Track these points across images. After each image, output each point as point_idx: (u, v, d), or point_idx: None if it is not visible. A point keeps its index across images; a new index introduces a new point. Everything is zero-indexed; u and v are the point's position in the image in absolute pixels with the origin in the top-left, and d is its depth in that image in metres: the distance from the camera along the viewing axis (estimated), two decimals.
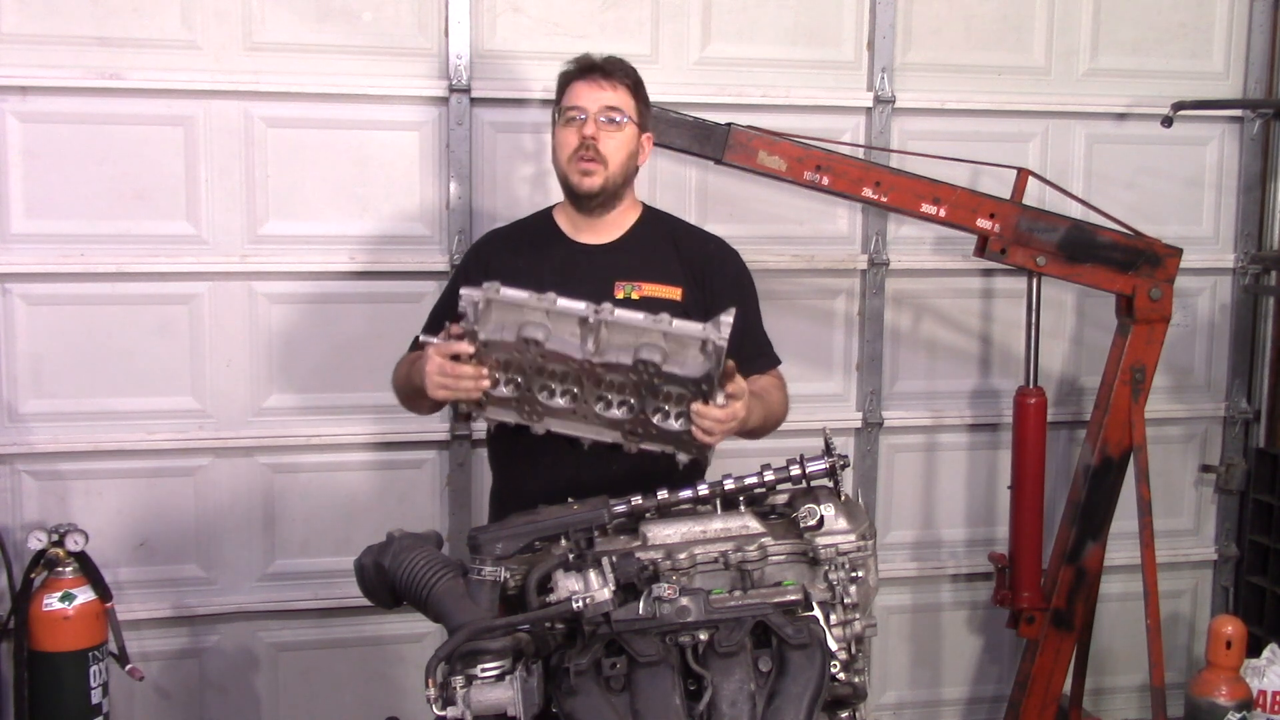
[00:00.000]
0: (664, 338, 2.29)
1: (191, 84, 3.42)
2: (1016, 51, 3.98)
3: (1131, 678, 4.24)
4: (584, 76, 2.62)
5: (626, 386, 2.34)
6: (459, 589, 2.12)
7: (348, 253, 3.58)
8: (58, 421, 3.47)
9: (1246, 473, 4.27)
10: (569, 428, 2.43)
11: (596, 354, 2.30)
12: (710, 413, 2.32)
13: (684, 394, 2.33)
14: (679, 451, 2.43)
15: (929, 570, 4.13)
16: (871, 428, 4.00)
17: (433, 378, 2.39)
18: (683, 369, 2.29)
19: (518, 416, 2.44)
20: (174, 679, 3.64)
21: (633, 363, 2.28)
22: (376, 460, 3.71)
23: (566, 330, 2.32)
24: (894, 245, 3.95)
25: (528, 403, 2.40)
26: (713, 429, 2.35)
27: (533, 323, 2.31)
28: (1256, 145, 4.17)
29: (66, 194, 3.41)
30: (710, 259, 2.75)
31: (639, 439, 2.42)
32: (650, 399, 2.35)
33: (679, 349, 2.30)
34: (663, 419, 2.37)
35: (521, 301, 2.31)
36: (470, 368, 2.36)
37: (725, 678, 2.02)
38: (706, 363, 2.28)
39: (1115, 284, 3.54)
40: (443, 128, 3.59)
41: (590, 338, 2.30)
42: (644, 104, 2.70)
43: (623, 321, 2.30)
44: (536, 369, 2.35)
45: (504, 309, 2.32)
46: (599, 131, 2.59)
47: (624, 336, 2.30)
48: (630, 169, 2.67)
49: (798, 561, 2.25)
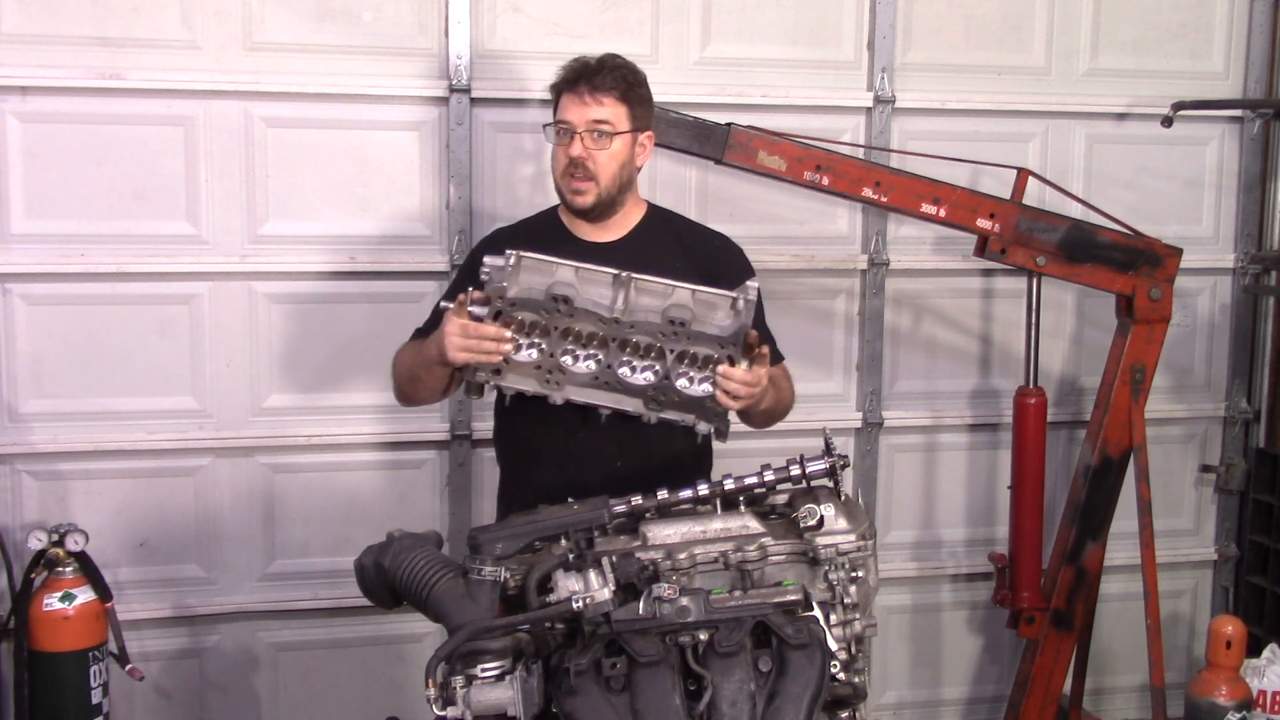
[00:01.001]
0: (693, 298, 2.32)
1: (191, 84, 3.42)
2: (1016, 51, 3.98)
3: (1131, 678, 4.24)
4: (571, 89, 2.58)
5: (652, 350, 2.35)
6: (459, 589, 2.12)
7: (348, 253, 3.58)
8: (58, 421, 3.47)
9: (1246, 473, 4.27)
10: (589, 396, 2.41)
11: (625, 313, 2.31)
12: (736, 374, 2.34)
13: (710, 357, 2.34)
14: (700, 421, 2.43)
15: (929, 570, 4.13)
16: (871, 428, 4.00)
17: (453, 339, 2.35)
18: (713, 329, 2.31)
19: (537, 384, 2.40)
20: (174, 679, 3.64)
21: (662, 321, 2.30)
22: (376, 460, 3.71)
23: (595, 292, 2.32)
24: (894, 245, 3.95)
25: (549, 369, 2.38)
26: (738, 391, 2.36)
27: (562, 281, 2.31)
28: (1256, 145, 4.17)
29: (66, 194, 3.41)
30: (715, 255, 2.75)
31: (660, 407, 2.41)
32: (675, 363, 2.35)
33: (707, 311, 2.33)
34: (687, 384, 2.37)
35: (550, 260, 2.32)
36: (493, 328, 2.33)
37: (725, 678, 2.02)
38: (736, 320, 2.31)
39: (1115, 284, 3.54)
40: (443, 128, 3.59)
41: (620, 297, 2.31)
42: (639, 105, 2.62)
43: (651, 282, 2.32)
44: (562, 331, 2.34)
45: (532, 269, 2.32)
46: (586, 150, 2.55)
47: (652, 299, 2.32)
48: (625, 177, 2.63)
49: (798, 561, 2.26)
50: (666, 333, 2.32)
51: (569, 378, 2.39)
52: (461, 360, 2.38)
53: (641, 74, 2.65)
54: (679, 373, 2.37)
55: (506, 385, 2.42)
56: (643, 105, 2.65)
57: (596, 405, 2.42)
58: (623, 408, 2.42)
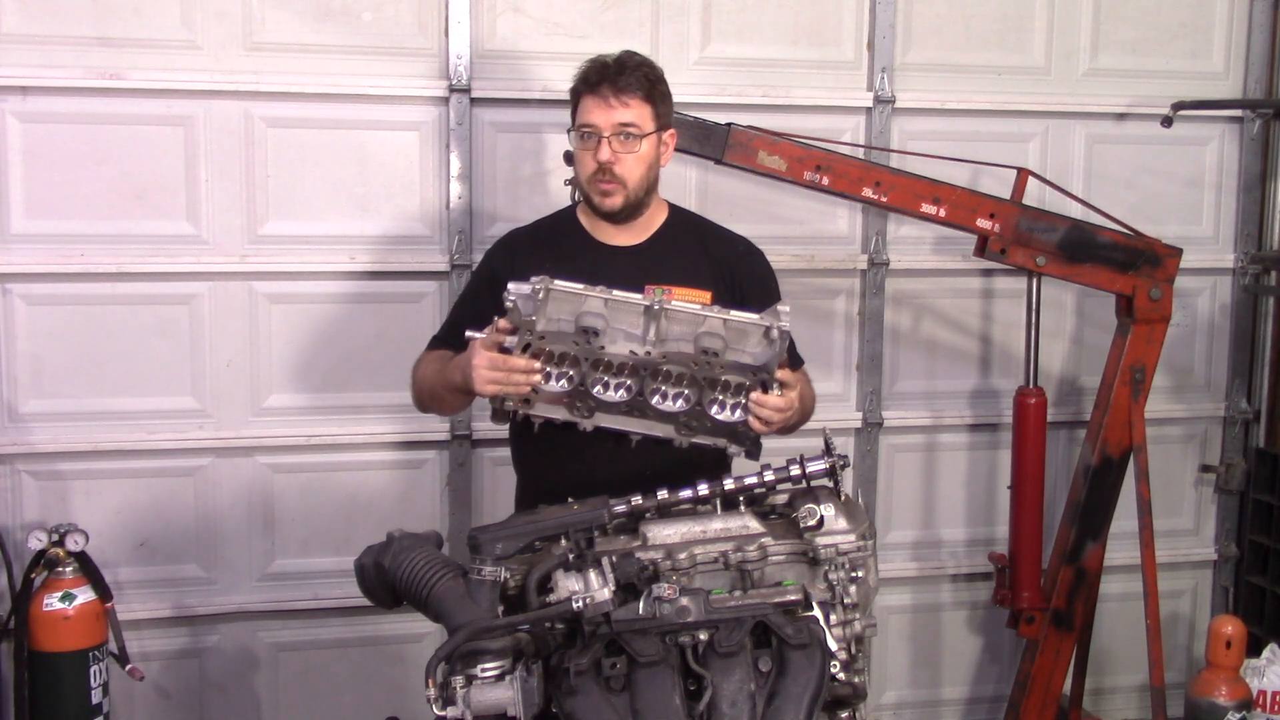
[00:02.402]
0: (724, 326, 2.30)
1: (191, 84, 3.42)
2: (1016, 51, 3.98)
3: (1131, 678, 4.24)
4: (594, 92, 2.53)
5: (684, 378, 2.34)
6: (459, 589, 2.12)
7: (348, 253, 3.58)
8: (58, 421, 3.47)
9: (1246, 473, 4.27)
10: (619, 423, 2.40)
11: (657, 344, 2.30)
12: (770, 401, 2.34)
13: (741, 384, 2.33)
14: (731, 444, 2.42)
15: (929, 570, 4.13)
16: (871, 428, 4.00)
17: (481, 371, 2.33)
18: (745, 357, 2.30)
19: (567, 413, 2.39)
20: (174, 679, 3.64)
21: (695, 351, 2.28)
22: (376, 460, 3.70)
23: (625, 321, 2.31)
24: (894, 245, 3.95)
25: (580, 398, 2.36)
26: (771, 418, 2.36)
27: (591, 313, 2.29)
28: (1256, 145, 4.17)
29: (66, 194, 3.41)
30: (739, 260, 2.73)
31: (692, 432, 2.40)
32: (707, 390, 2.34)
33: (738, 338, 2.31)
34: (719, 410, 2.36)
35: (579, 292, 2.29)
36: (523, 360, 2.32)
37: (725, 678, 2.02)
38: (769, 350, 2.29)
39: (1115, 284, 3.54)
40: (443, 128, 3.59)
41: (651, 327, 2.29)
42: (662, 103, 2.59)
43: (682, 311, 2.30)
44: (593, 362, 2.33)
45: (560, 300, 2.30)
46: (614, 153, 2.52)
47: (683, 326, 2.30)
48: (652, 178, 2.60)
49: (798, 561, 2.26)
50: (699, 362, 2.31)
51: (599, 406, 2.38)
52: (490, 393, 2.37)
53: (660, 70, 2.62)
54: (711, 399, 2.36)
55: (535, 414, 2.41)
56: (665, 103, 2.61)
57: (627, 431, 2.42)
58: (653, 434, 2.41)
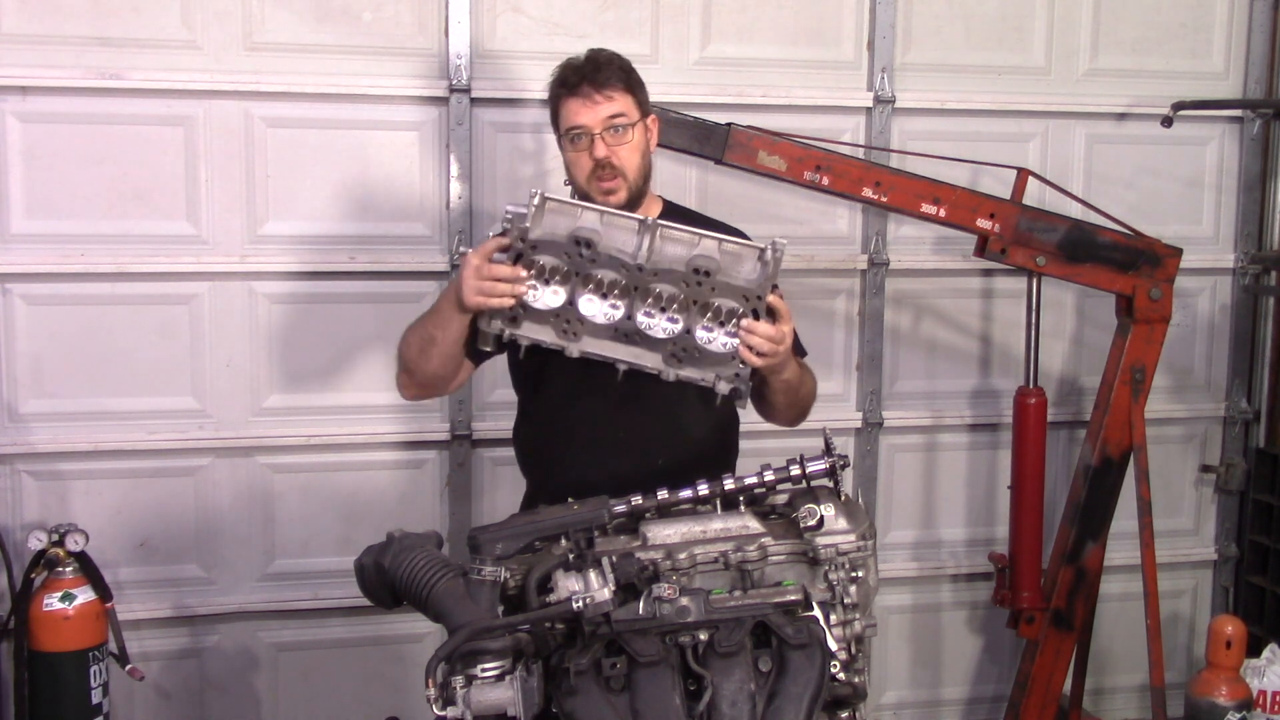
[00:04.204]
0: (719, 248, 2.28)
1: (191, 84, 3.42)
2: (1016, 51, 3.98)
3: (1131, 678, 4.24)
4: (575, 93, 2.53)
5: (675, 301, 2.31)
6: (459, 589, 2.12)
7: (348, 253, 3.58)
8: (58, 421, 3.47)
9: (1246, 473, 4.27)
10: (607, 349, 2.37)
11: (649, 261, 2.27)
12: (760, 328, 2.31)
13: (734, 311, 2.30)
14: (720, 381, 2.39)
15: (929, 570, 4.13)
16: (871, 428, 4.00)
17: (469, 281, 2.31)
18: (739, 280, 2.27)
19: (554, 335, 2.35)
20: (174, 679, 3.64)
21: (687, 270, 2.26)
22: (376, 460, 3.70)
23: (619, 239, 2.29)
24: (894, 245, 3.95)
25: (567, 318, 2.33)
26: (761, 346, 2.32)
27: (586, 226, 2.27)
28: (1256, 145, 4.17)
29: (66, 194, 3.41)
30: None
31: (680, 364, 2.37)
32: (698, 316, 2.32)
33: (733, 263, 2.29)
34: (709, 337, 2.33)
35: (575, 204, 2.28)
36: (509, 268, 2.30)
37: (725, 678, 2.02)
38: (763, 272, 2.27)
39: (1115, 284, 3.54)
40: (443, 128, 3.59)
41: (645, 243, 2.27)
42: (640, 90, 2.61)
43: (676, 230, 2.28)
44: (583, 277, 2.30)
45: (556, 212, 2.28)
46: (610, 148, 2.52)
47: (677, 248, 2.28)
48: (647, 165, 2.61)
49: (798, 561, 2.25)
50: (690, 281, 2.28)
51: (587, 328, 2.34)
52: (476, 303, 2.33)
53: (628, 60, 2.63)
54: (701, 325, 2.33)
55: (522, 335, 2.37)
56: (642, 89, 2.63)
57: (614, 359, 2.37)
58: (641, 363, 2.37)
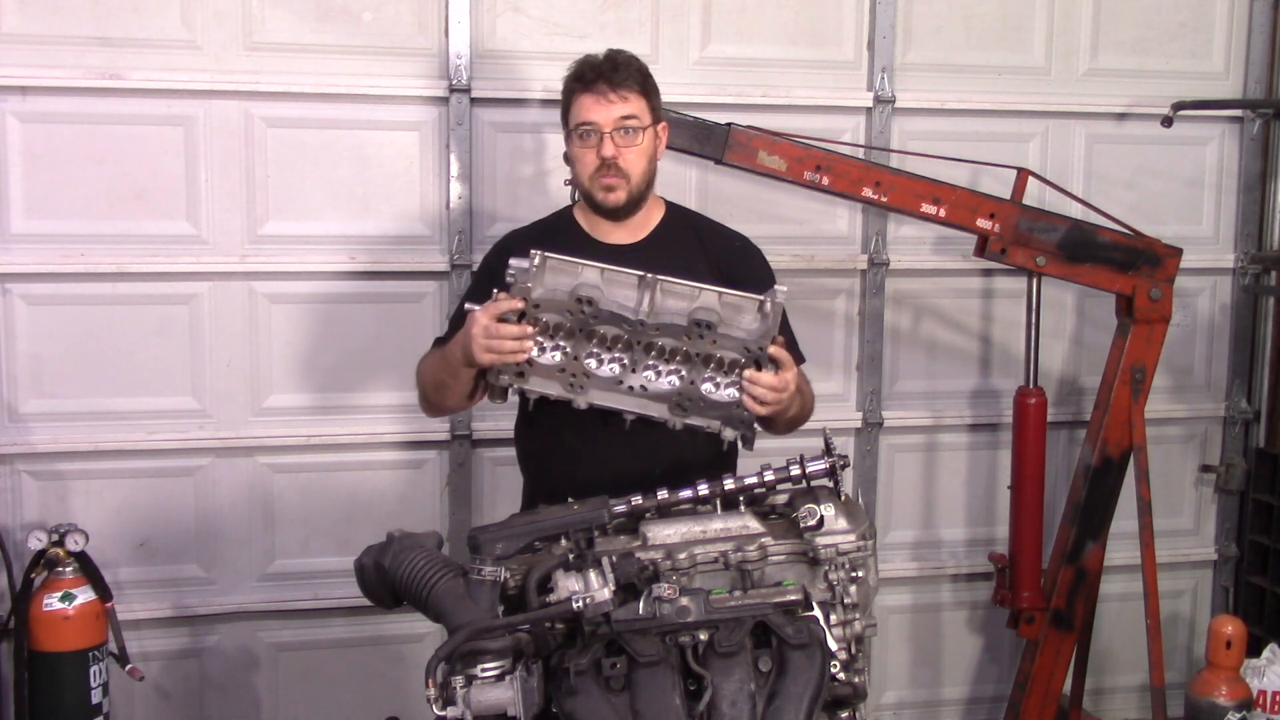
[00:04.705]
0: (719, 300, 2.30)
1: (191, 84, 3.42)
2: (1016, 51, 3.98)
3: (1131, 678, 4.24)
4: (590, 89, 2.53)
5: (677, 354, 2.33)
6: (459, 589, 2.12)
7: (348, 253, 3.58)
8: (58, 421, 3.47)
9: (1246, 473, 4.27)
10: (613, 400, 2.39)
11: (650, 315, 2.30)
12: (763, 379, 2.32)
13: (736, 361, 2.32)
14: (725, 428, 2.41)
15: (929, 570, 4.13)
16: (871, 428, 4.00)
17: (478, 340, 2.34)
18: (739, 332, 2.30)
19: (561, 388, 2.38)
20: (174, 679, 3.64)
21: (688, 324, 2.28)
22: (376, 460, 3.70)
23: (620, 294, 2.31)
24: (894, 245, 3.95)
25: (573, 372, 2.36)
26: (765, 396, 2.34)
27: (587, 283, 2.30)
28: (1256, 145, 4.17)
29: (66, 194, 3.41)
30: (736, 256, 2.72)
31: (686, 413, 2.39)
32: (700, 368, 2.33)
33: (733, 314, 2.31)
34: (713, 389, 2.35)
35: (575, 262, 2.31)
36: (515, 327, 2.32)
37: (725, 678, 2.02)
38: (763, 324, 2.29)
39: (1115, 284, 3.54)
40: (443, 128, 3.59)
41: (645, 299, 2.29)
42: (655, 96, 2.61)
43: (677, 285, 2.30)
44: (587, 333, 2.33)
45: (557, 270, 2.31)
46: (618, 148, 2.53)
47: (677, 301, 2.30)
48: (650, 172, 2.61)
49: (798, 561, 2.25)
50: (691, 335, 2.31)
51: (593, 381, 2.38)
52: (486, 361, 2.37)
53: (646, 66, 2.63)
54: (704, 377, 2.36)
55: (530, 388, 2.40)
56: (656, 96, 2.63)
57: (621, 410, 2.40)
58: (648, 412, 2.40)
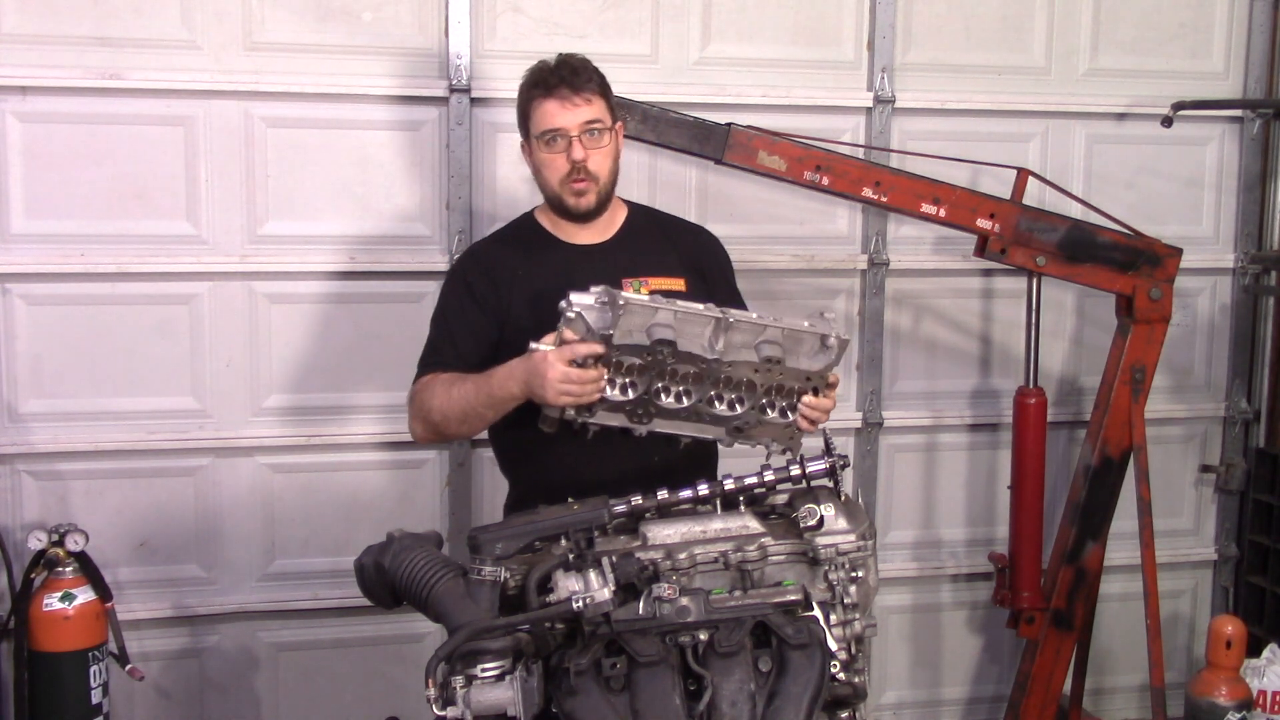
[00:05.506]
0: (783, 335, 2.40)
1: (191, 84, 3.42)
2: (1016, 51, 3.98)
3: (1131, 678, 4.24)
4: (553, 95, 2.56)
5: (744, 384, 2.42)
6: (459, 589, 2.12)
7: (348, 253, 3.58)
8: (58, 421, 3.47)
9: (1246, 473, 4.27)
10: (674, 427, 2.47)
11: (725, 354, 2.37)
12: (822, 404, 2.47)
13: (794, 389, 2.44)
14: (774, 443, 2.52)
15: (929, 570, 4.13)
16: (871, 428, 4.00)
17: (554, 385, 2.33)
18: (803, 363, 2.42)
19: (625, 420, 2.45)
20: (174, 679, 3.64)
21: (759, 360, 2.38)
22: (376, 460, 3.70)
23: (692, 332, 2.37)
24: (894, 245, 3.95)
25: (641, 405, 2.43)
26: (820, 420, 2.48)
27: (662, 324, 2.35)
28: (1256, 145, 4.17)
29: (66, 194, 3.41)
30: (703, 249, 2.81)
31: (741, 435, 2.50)
32: (760, 395, 2.43)
33: (793, 344, 2.42)
34: (773, 413, 2.46)
35: (650, 305, 2.36)
36: (593, 372, 2.35)
37: (725, 678, 2.02)
38: (825, 356, 2.42)
39: (1115, 284, 3.54)
40: (443, 128, 3.59)
41: (720, 338, 2.37)
42: (611, 96, 2.65)
43: (744, 321, 2.39)
44: (661, 371, 2.38)
45: (633, 313, 2.34)
46: (587, 151, 2.56)
47: (743, 335, 2.39)
48: (616, 172, 2.66)
49: (798, 561, 2.26)
50: (762, 369, 2.40)
51: (659, 412, 2.44)
52: (564, 404, 2.38)
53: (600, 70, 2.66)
54: (765, 403, 2.45)
55: (594, 422, 2.45)
56: (613, 96, 2.67)
57: (680, 435, 2.49)
58: (704, 436, 2.50)
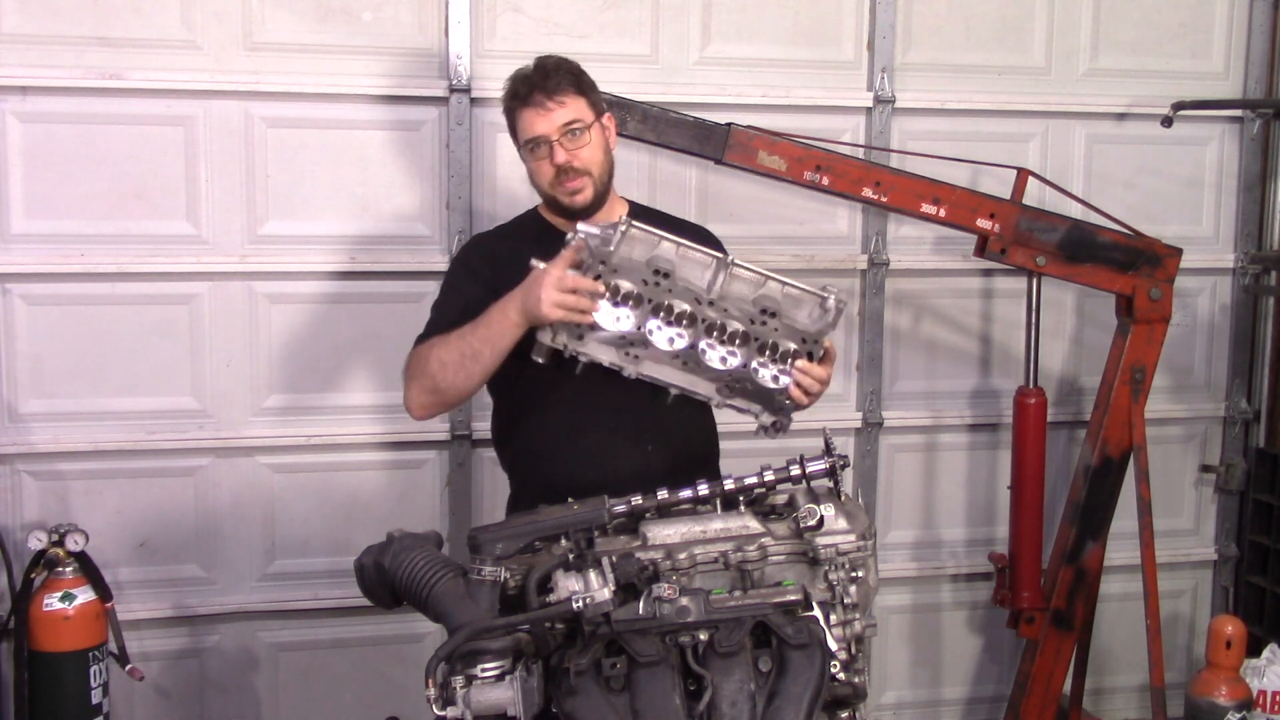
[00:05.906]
0: (782, 291, 2.38)
1: (191, 84, 3.42)
2: (1016, 51, 3.98)
3: (1131, 678, 4.24)
4: (528, 103, 2.57)
5: (738, 336, 2.39)
6: (459, 589, 2.12)
7: (348, 253, 3.58)
8: (58, 421, 3.47)
9: (1246, 473, 4.27)
10: (663, 374, 2.44)
11: (719, 296, 2.36)
12: (815, 370, 2.41)
13: (788, 351, 2.39)
14: (765, 412, 2.48)
15: (929, 570, 4.13)
16: (871, 428, 4.00)
17: (548, 292, 2.32)
18: (800, 324, 2.39)
19: (615, 356, 2.42)
20: (174, 679, 3.64)
21: (754, 308, 2.36)
22: (376, 460, 3.70)
23: (691, 272, 2.37)
24: (894, 245, 3.95)
25: (633, 341, 2.40)
26: (813, 387, 2.42)
27: (663, 256, 2.35)
28: (1256, 145, 4.17)
29: (66, 194, 3.41)
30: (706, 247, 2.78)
31: (731, 394, 2.47)
32: (755, 352, 2.40)
33: (792, 306, 2.39)
34: (765, 373, 2.41)
35: (655, 235, 2.36)
36: (589, 280, 2.34)
37: (725, 678, 2.02)
38: (823, 319, 2.38)
39: (1115, 284, 3.54)
40: (443, 128, 3.59)
41: (719, 280, 2.36)
42: (592, 91, 2.64)
43: (746, 271, 2.37)
44: (654, 306, 2.36)
45: (633, 240, 2.35)
46: (569, 152, 2.57)
47: (743, 287, 2.38)
48: (609, 162, 2.66)
49: (798, 561, 2.26)
50: (755, 320, 2.37)
51: (649, 353, 2.41)
52: (555, 315, 2.35)
53: (577, 63, 2.65)
54: (758, 362, 2.41)
55: (585, 352, 2.42)
56: (594, 90, 2.65)
57: (668, 384, 2.46)
58: (694, 389, 2.46)
